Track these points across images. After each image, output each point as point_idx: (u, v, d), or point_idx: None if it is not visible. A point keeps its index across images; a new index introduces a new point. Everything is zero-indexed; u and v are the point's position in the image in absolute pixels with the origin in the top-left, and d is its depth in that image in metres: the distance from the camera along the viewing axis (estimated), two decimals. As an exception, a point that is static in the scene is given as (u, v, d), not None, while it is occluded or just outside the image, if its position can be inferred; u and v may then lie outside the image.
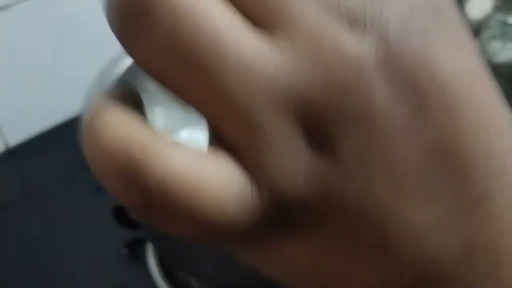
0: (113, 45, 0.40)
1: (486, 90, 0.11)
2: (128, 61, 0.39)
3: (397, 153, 0.10)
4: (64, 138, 0.60)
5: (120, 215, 0.46)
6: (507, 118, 0.11)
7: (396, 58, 0.10)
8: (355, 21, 0.10)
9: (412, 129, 0.10)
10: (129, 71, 0.17)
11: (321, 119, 0.10)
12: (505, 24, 0.95)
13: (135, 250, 0.47)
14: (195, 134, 0.22)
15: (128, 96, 0.12)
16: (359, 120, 0.10)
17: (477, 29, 0.78)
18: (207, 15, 0.10)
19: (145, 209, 0.10)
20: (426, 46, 0.10)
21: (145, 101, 0.14)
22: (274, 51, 0.10)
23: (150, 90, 0.15)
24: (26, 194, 0.55)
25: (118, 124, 0.11)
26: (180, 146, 0.10)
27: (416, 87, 0.10)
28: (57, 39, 0.58)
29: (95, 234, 0.49)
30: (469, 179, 0.10)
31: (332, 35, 0.10)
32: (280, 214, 0.10)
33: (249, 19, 0.10)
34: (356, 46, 0.09)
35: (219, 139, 0.11)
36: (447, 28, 0.10)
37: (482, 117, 0.10)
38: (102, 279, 0.46)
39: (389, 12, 0.10)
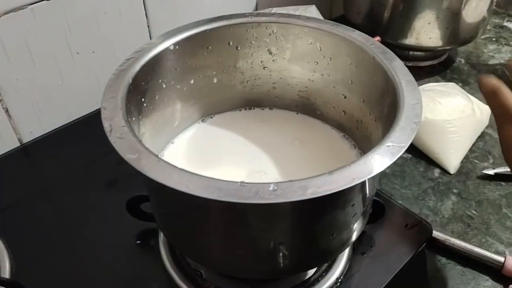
0: (129, 45, 0.44)
1: None
2: (144, 59, 0.42)
3: None
4: (78, 135, 0.62)
5: (133, 207, 0.48)
6: None
7: None
8: None
9: None
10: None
11: None
12: (501, 27, 0.97)
13: (148, 242, 0.49)
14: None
15: None
16: None
17: (473, 32, 0.80)
18: None
19: None
20: None
21: None
22: None
23: None
24: (41, 189, 0.56)
25: None
26: None
27: None
28: (74, 37, 0.60)
29: (109, 226, 0.51)
30: None
31: None
32: None
33: None
34: None
35: None
36: None
37: None
38: (116, 270, 0.47)
39: None
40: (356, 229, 0.41)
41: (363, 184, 0.36)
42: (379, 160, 0.33)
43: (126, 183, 0.54)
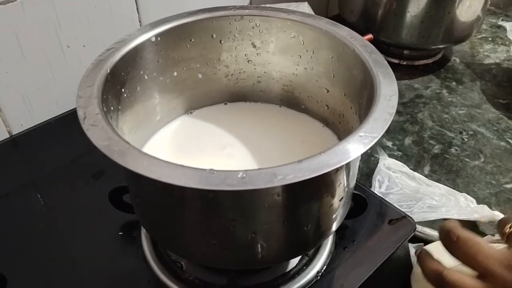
0: (116, 38, 0.43)
1: None
2: (124, 50, 0.42)
3: None
4: (67, 127, 0.62)
5: (116, 198, 0.48)
6: None
7: None
8: None
9: None
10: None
11: None
12: (497, 27, 0.96)
13: (130, 233, 0.49)
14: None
15: None
16: None
17: (468, 31, 0.79)
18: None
19: None
20: None
21: None
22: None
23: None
24: (30, 181, 0.57)
25: None
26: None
27: None
28: (64, 31, 0.61)
29: (93, 218, 0.51)
30: None
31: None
32: None
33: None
34: None
35: None
36: None
37: None
38: (98, 261, 0.47)
39: None
40: (333, 221, 0.41)
41: (337, 173, 0.36)
42: (351, 149, 0.32)
43: (112, 174, 0.55)
